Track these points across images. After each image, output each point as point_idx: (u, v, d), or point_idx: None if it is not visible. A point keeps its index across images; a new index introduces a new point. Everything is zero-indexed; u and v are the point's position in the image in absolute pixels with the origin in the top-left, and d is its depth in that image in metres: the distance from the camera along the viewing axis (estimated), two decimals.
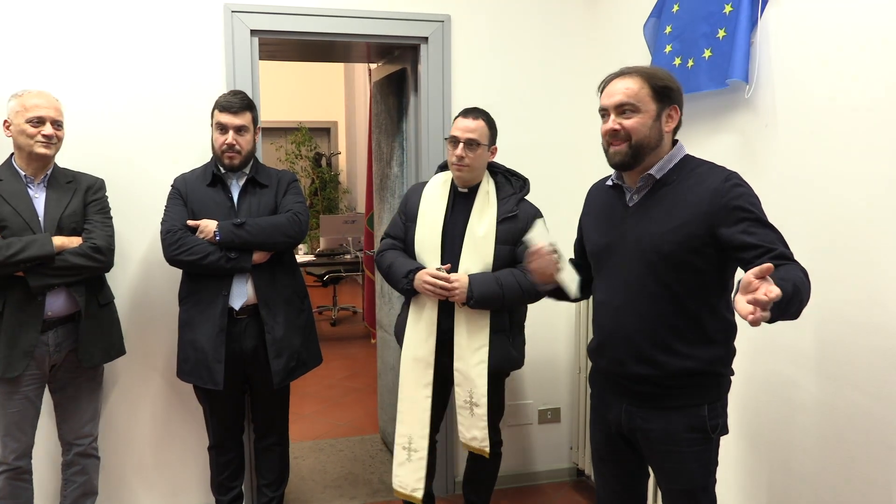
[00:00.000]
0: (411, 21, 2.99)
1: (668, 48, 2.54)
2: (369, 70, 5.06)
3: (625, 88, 1.71)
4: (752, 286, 1.32)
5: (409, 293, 2.45)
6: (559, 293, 1.98)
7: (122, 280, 2.77)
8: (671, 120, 1.74)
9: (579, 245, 2.05)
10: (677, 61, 2.49)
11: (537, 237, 1.86)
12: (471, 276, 2.37)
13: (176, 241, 2.41)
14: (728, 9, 2.24)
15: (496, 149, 2.51)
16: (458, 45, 3.06)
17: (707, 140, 2.43)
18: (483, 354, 2.41)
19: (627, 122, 1.71)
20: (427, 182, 2.59)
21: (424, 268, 2.43)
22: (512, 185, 2.53)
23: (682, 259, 1.67)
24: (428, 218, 2.48)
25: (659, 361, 1.73)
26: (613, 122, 1.72)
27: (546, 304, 2.30)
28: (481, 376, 2.41)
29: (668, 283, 1.70)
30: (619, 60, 2.95)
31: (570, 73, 3.19)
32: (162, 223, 2.48)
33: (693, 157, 1.79)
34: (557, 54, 3.17)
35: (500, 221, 2.43)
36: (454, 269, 2.41)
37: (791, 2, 2.06)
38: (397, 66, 3.39)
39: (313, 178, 8.30)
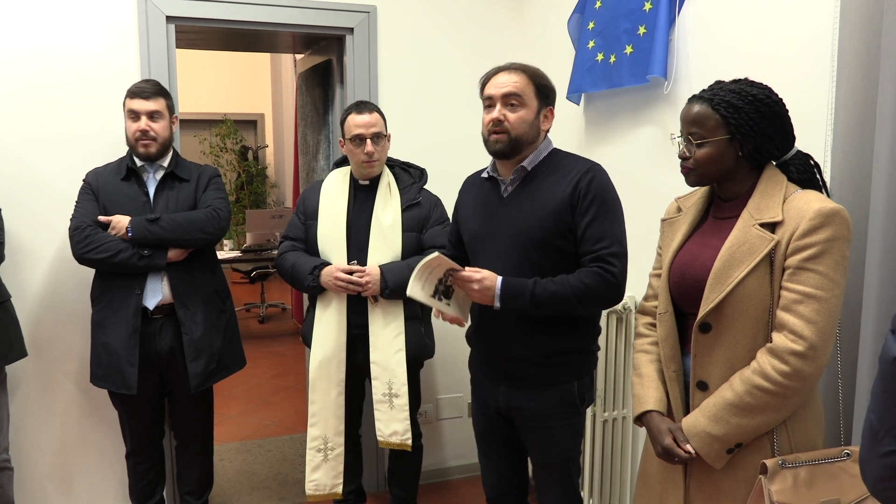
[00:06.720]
0: (336, 11, 2.92)
1: (592, 43, 2.57)
2: (294, 61, 4.96)
3: (513, 81, 1.83)
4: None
5: (316, 290, 2.40)
6: None
7: (32, 279, 2.62)
8: (547, 120, 1.89)
9: (455, 236, 2.10)
10: (600, 57, 2.52)
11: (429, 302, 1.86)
12: (382, 267, 2.35)
13: (85, 239, 2.29)
14: (648, 6, 2.29)
15: (390, 135, 2.51)
16: (385, 36, 3.02)
17: (629, 133, 2.48)
18: (400, 342, 2.40)
19: (512, 116, 1.82)
20: (323, 180, 2.54)
21: (329, 264, 2.39)
22: (411, 174, 2.55)
23: (551, 243, 1.81)
24: (330, 213, 2.44)
25: (536, 341, 1.85)
26: (499, 111, 1.82)
27: None
28: (400, 364, 2.40)
29: (540, 266, 1.82)
30: (545, 55, 3.00)
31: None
32: (71, 219, 2.35)
33: (560, 150, 1.92)
34: (484, 48, 3.16)
35: (405, 209, 2.44)
36: (363, 262, 2.39)
37: (706, 1, 2.12)
38: (323, 57, 3.32)
39: (239, 171, 8.07)
